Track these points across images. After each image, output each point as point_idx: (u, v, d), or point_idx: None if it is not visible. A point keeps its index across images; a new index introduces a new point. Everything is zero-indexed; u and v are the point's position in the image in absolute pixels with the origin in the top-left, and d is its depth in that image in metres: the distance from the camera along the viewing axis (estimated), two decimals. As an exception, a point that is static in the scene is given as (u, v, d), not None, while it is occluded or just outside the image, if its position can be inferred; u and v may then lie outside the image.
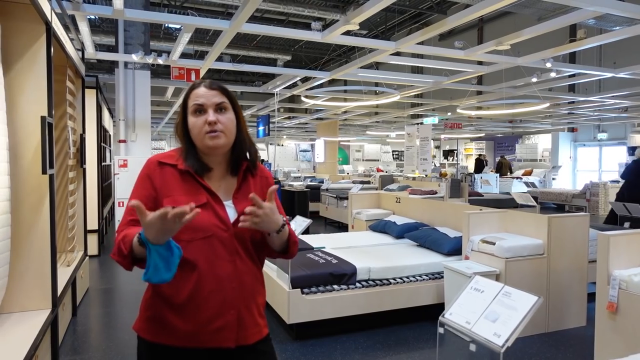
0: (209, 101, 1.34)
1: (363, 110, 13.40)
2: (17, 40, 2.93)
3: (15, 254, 2.90)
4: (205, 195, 1.35)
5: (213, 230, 1.32)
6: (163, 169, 1.37)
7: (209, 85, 1.37)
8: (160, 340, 1.34)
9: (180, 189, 1.34)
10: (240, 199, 1.40)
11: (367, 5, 4.28)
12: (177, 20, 4.79)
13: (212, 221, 1.33)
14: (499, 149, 20.26)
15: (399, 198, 6.18)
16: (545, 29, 5.04)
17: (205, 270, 1.31)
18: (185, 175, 1.36)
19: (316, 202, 10.54)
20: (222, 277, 1.32)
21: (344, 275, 3.75)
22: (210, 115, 1.33)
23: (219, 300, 1.32)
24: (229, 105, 1.37)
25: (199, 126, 1.33)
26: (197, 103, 1.34)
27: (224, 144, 1.35)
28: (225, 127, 1.35)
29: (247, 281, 1.37)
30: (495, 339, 1.55)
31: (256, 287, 1.42)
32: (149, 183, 1.36)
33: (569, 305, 3.88)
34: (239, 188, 1.41)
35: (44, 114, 2.94)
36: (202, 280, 1.31)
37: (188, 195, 1.33)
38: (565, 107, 11.67)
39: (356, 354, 3.39)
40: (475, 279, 1.85)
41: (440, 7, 14.62)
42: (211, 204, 1.34)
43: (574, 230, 3.89)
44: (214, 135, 1.32)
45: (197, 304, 1.31)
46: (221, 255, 1.33)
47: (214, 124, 1.32)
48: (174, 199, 1.32)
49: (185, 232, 1.27)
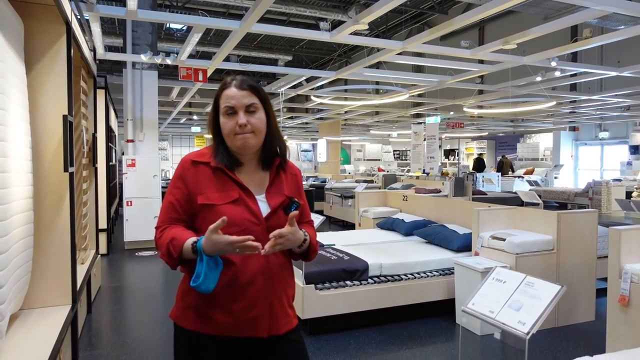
0: (240, 102, 1.37)
1: (365, 110, 13.45)
2: (39, 40, 2.98)
3: (37, 251, 2.95)
4: (237, 190, 1.39)
5: (246, 225, 1.36)
6: (196, 168, 1.41)
7: (240, 85, 1.39)
8: (198, 329, 1.38)
9: (213, 186, 1.38)
10: (273, 193, 1.44)
11: (376, 6, 4.33)
12: (188, 20, 4.84)
13: (244, 216, 1.37)
14: (500, 148, 20.32)
15: (405, 196, 6.23)
16: (552, 28, 5.10)
17: (239, 263, 1.36)
18: (217, 172, 1.40)
19: (320, 202, 10.60)
20: (255, 270, 1.37)
21: (356, 271, 3.80)
22: (241, 118, 1.36)
23: (253, 292, 1.36)
24: (259, 105, 1.40)
25: (230, 127, 1.37)
26: (228, 105, 1.38)
27: (254, 145, 1.39)
28: (256, 128, 1.38)
29: (278, 273, 1.41)
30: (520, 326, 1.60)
31: (286, 279, 1.46)
32: (182, 183, 1.41)
33: (578, 300, 3.94)
34: (271, 183, 1.45)
35: (65, 113, 2.98)
36: (237, 273, 1.36)
37: (220, 191, 1.38)
38: (567, 106, 11.74)
39: (370, 349, 3.44)
40: (497, 270, 1.91)
41: (441, 7, 14.68)
42: (243, 198, 1.38)
43: (583, 226, 3.95)
44: (244, 137, 1.36)
45: (232, 295, 1.36)
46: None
47: (244, 127, 1.36)
48: (207, 196, 1.37)
49: (221, 228, 1.32)
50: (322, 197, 10.65)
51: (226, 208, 1.36)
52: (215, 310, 1.37)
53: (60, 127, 3.00)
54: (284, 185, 1.48)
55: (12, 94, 2.45)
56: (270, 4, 4.05)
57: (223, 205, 1.36)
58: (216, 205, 1.36)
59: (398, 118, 15.74)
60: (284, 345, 1.46)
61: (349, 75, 7.63)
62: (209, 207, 1.37)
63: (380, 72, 8.04)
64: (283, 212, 1.42)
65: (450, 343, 3.57)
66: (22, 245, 2.59)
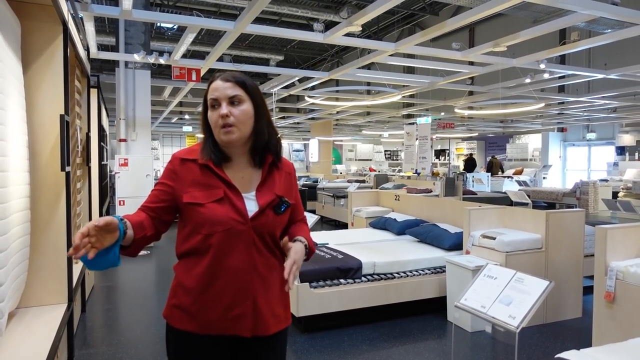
0: (223, 94, 1.35)
1: (357, 110, 13.53)
2: (36, 39, 2.99)
3: (33, 250, 2.96)
4: (223, 188, 1.37)
5: (230, 224, 1.34)
6: (184, 165, 1.40)
7: (225, 78, 1.38)
8: (185, 327, 1.39)
9: (198, 184, 1.37)
10: (264, 192, 1.41)
11: (370, 8, 4.39)
12: (182, 21, 4.86)
13: (229, 215, 1.35)
14: (490, 149, 20.53)
15: (398, 196, 6.31)
16: (541, 31, 5.20)
17: (220, 261, 1.35)
18: (204, 170, 1.38)
19: (312, 201, 10.65)
20: (237, 268, 1.35)
21: (350, 269, 3.86)
22: (223, 109, 1.34)
23: (234, 290, 1.36)
24: (244, 97, 1.37)
25: (215, 120, 1.36)
26: (212, 97, 1.37)
27: (237, 138, 1.36)
28: (238, 120, 1.35)
29: (263, 273, 1.39)
30: (510, 320, 1.67)
31: (275, 279, 1.42)
32: (168, 180, 1.41)
33: (565, 298, 4.03)
34: (263, 181, 1.43)
35: (62, 112, 3.00)
36: (218, 271, 1.36)
37: (205, 190, 1.36)
38: (555, 108, 11.92)
39: (363, 345, 3.50)
40: (488, 267, 1.97)
41: (432, 9, 14.80)
42: (229, 197, 1.36)
43: (571, 225, 4.05)
44: (227, 130, 1.34)
45: (215, 293, 1.36)
46: (238, 247, 1.35)
47: (225, 117, 1.34)
48: (192, 194, 1.36)
49: (204, 226, 1.34)
50: (315, 196, 10.70)
51: (211, 207, 1.34)
52: (198, 308, 1.37)
53: (56, 126, 3.02)
54: (276, 183, 1.45)
55: (11, 93, 2.47)
56: (266, 4, 4.09)
57: (208, 204, 1.35)
58: (201, 204, 1.35)
59: (389, 118, 15.85)
60: (270, 346, 1.45)
61: (341, 75, 7.69)
62: (193, 206, 1.36)
63: (373, 72, 8.12)
64: (272, 211, 1.40)
65: (441, 339, 3.64)
66: (20, 244, 2.61)
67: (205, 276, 1.36)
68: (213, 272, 1.36)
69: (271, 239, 1.42)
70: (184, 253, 1.42)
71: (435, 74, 8.52)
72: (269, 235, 1.40)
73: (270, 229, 1.40)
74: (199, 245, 1.37)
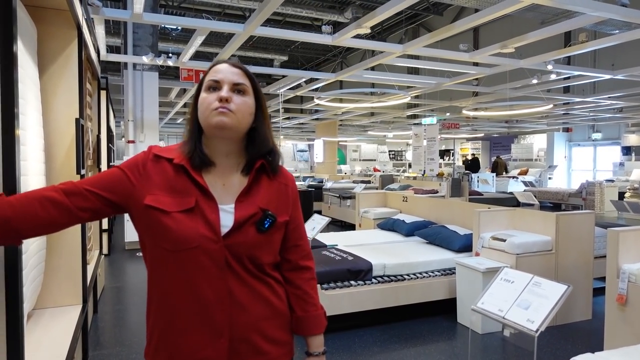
0: (227, 78, 1.13)
1: (362, 111, 13.55)
2: (51, 44, 3.02)
3: (49, 252, 2.99)
4: (196, 196, 1.11)
5: (199, 241, 1.08)
6: (157, 163, 1.15)
7: (232, 63, 1.17)
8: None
9: (167, 187, 1.12)
10: (246, 203, 1.14)
11: (379, 10, 4.41)
12: (192, 23, 4.89)
13: (198, 229, 1.08)
14: (494, 149, 20.51)
15: (405, 197, 6.32)
16: (549, 33, 5.21)
17: (187, 289, 1.09)
18: (178, 171, 1.13)
19: (318, 202, 10.67)
20: (208, 298, 1.09)
21: (360, 271, 3.88)
22: (225, 91, 1.11)
23: (205, 326, 1.09)
24: (249, 89, 1.16)
25: (209, 101, 1.11)
26: (213, 79, 1.13)
27: (232, 125, 1.11)
28: (238, 109, 1.12)
29: (244, 303, 1.11)
30: (529, 324, 1.68)
31: (262, 309, 1.15)
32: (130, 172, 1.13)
33: (576, 300, 4.04)
34: (247, 190, 1.16)
35: (77, 116, 3.03)
36: (184, 302, 1.10)
37: (174, 195, 1.11)
38: (561, 108, 11.90)
39: (374, 347, 3.52)
40: (505, 271, 1.99)
41: (436, 9, 14.79)
42: (201, 207, 1.10)
43: (581, 227, 4.05)
44: (223, 111, 1.09)
45: (180, 329, 1.10)
46: (208, 271, 1.09)
47: (225, 101, 1.10)
48: (157, 198, 1.10)
49: (166, 241, 1.08)
50: (320, 197, 10.73)
51: (177, 217, 1.08)
52: (163, 347, 1.13)
53: (71, 129, 3.05)
54: (262, 193, 1.18)
55: (29, 98, 2.49)
56: (276, 7, 4.11)
57: (174, 213, 1.08)
58: (165, 211, 1.08)
59: (394, 119, 15.86)
60: None
61: (348, 77, 7.71)
62: (155, 212, 1.09)
63: (379, 74, 8.13)
64: (255, 228, 1.12)
65: (452, 341, 3.65)
66: (37, 246, 2.64)
67: (168, 308, 1.11)
68: (176, 304, 1.10)
69: (252, 263, 1.13)
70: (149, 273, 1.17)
71: (440, 74, 8.53)
72: (248, 258, 1.12)
73: (249, 250, 1.12)
74: (158, 265, 1.13)
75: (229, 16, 14.46)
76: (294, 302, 1.24)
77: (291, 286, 1.25)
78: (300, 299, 1.25)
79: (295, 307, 1.24)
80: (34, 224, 1.04)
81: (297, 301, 1.25)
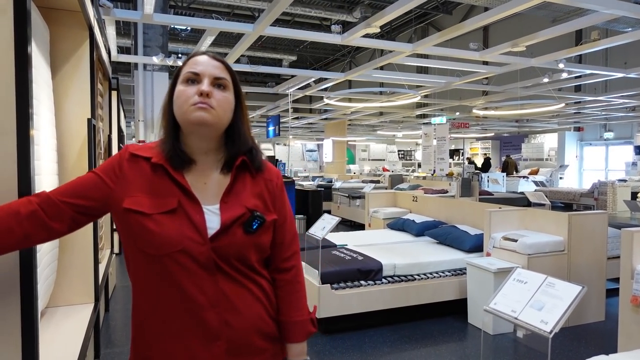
0: (207, 71, 1.07)
1: (371, 111, 13.53)
2: (63, 45, 3.05)
3: (62, 250, 3.03)
4: (178, 197, 1.06)
5: (185, 244, 1.03)
6: (134, 163, 1.09)
7: (212, 56, 1.11)
8: None
9: (147, 188, 1.07)
10: (231, 203, 1.09)
11: (389, 9, 4.39)
12: (202, 24, 4.91)
13: (182, 232, 1.04)
14: (505, 148, 20.36)
15: (415, 197, 6.30)
16: (561, 31, 5.15)
17: (177, 295, 1.05)
18: (158, 171, 1.08)
19: (327, 201, 10.67)
20: (200, 303, 1.04)
21: (370, 271, 3.87)
22: (205, 85, 1.05)
23: (199, 331, 1.05)
24: (230, 84, 1.11)
25: (187, 95, 1.05)
26: (192, 71, 1.07)
27: (212, 121, 1.06)
28: (219, 105, 1.07)
29: (239, 304, 1.09)
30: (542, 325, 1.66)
31: (257, 308, 1.13)
32: (105, 176, 1.09)
33: (588, 301, 3.99)
34: (230, 189, 1.11)
35: (89, 116, 3.06)
36: (174, 308, 1.05)
37: (154, 196, 1.06)
38: (572, 107, 11.79)
39: (385, 347, 3.50)
40: (518, 271, 1.98)
41: (445, 7, 14.72)
42: (184, 208, 1.05)
43: (593, 227, 4.00)
44: (203, 107, 1.04)
45: (173, 336, 1.06)
46: (197, 274, 1.04)
47: (205, 95, 1.05)
48: (136, 200, 1.05)
49: (149, 245, 1.03)
50: (330, 197, 10.73)
51: (159, 219, 1.03)
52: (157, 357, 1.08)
53: (83, 129, 3.08)
54: (247, 192, 1.13)
55: (42, 99, 2.52)
56: (286, 7, 4.12)
57: (156, 215, 1.03)
58: (146, 214, 1.03)
59: (403, 118, 15.81)
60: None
61: (357, 76, 7.70)
62: (136, 215, 1.04)
63: (388, 73, 8.11)
64: (242, 229, 1.08)
65: (463, 342, 3.63)
66: (50, 245, 2.66)
67: (159, 315, 1.06)
68: (166, 310, 1.06)
69: (242, 264, 1.10)
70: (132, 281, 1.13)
71: (450, 73, 8.49)
72: (237, 259, 1.09)
73: (238, 252, 1.08)
74: (144, 273, 1.08)
75: (238, 16, 14.50)
76: (278, 304, 1.19)
77: (275, 287, 1.20)
78: (283, 301, 1.20)
79: (279, 310, 1.19)
80: (9, 241, 1.01)
81: (281, 303, 1.20)
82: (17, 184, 1.27)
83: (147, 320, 1.09)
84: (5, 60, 1.32)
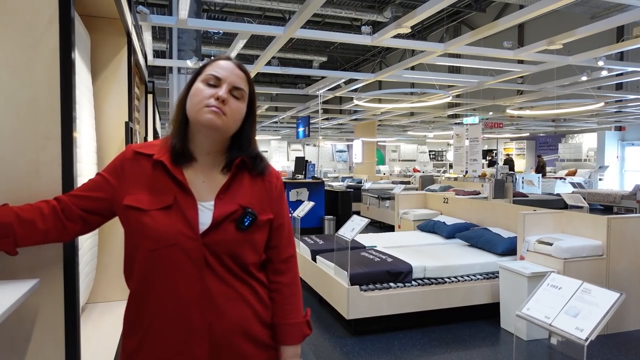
0: (230, 78, 1.11)
1: (402, 111, 13.41)
2: (103, 51, 3.17)
3: (101, 249, 3.14)
4: (174, 193, 1.10)
5: (177, 239, 1.06)
6: (136, 162, 1.14)
7: (238, 64, 1.15)
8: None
9: (146, 185, 1.11)
10: (225, 200, 1.12)
11: (420, 9, 4.36)
12: (234, 27, 5.00)
13: (176, 227, 1.07)
14: (540, 149, 19.79)
15: (446, 198, 6.21)
16: (600, 28, 4.98)
17: (164, 290, 1.07)
18: (157, 168, 1.12)
19: (357, 202, 10.65)
20: (186, 299, 1.06)
21: (400, 273, 3.84)
22: (223, 91, 1.09)
23: (183, 328, 1.06)
24: (246, 96, 1.16)
25: (204, 95, 1.09)
26: (214, 74, 1.11)
27: (221, 127, 1.10)
28: (231, 114, 1.11)
29: (223, 304, 1.08)
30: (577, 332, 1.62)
31: (243, 311, 1.11)
32: (109, 175, 1.14)
33: (628, 308, 3.84)
34: (226, 187, 1.14)
35: (126, 120, 3.17)
36: (161, 303, 1.07)
37: (153, 193, 1.10)
38: (613, 106, 11.34)
39: (415, 350, 3.48)
40: (552, 276, 1.93)
41: (478, 5, 14.42)
42: (179, 204, 1.09)
43: (635, 231, 3.85)
44: (216, 111, 1.08)
45: (157, 332, 1.07)
46: (186, 270, 1.06)
47: (221, 101, 1.09)
48: (136, 197, 1.10)
49: (146, 240, 1.07)
50: (359, 198, 10.70)
51: (155, 215, 1.07)
52: (141, 353, 1.10)
53: (120, 132, 3.19)
54: (243, 190, 1.15)
55: (83, 103, 2.63)
56: (317, 8, 4.14)
57: (152, 211, 1.07)
58: (142, 210, 1.08)
59: (435, 119, 15.60)
60: None
61: (387, 77, 7.65)
62: (134, 211, 1.08)
63: (419, 73, 8.02)
64: (234, 226, 1.10)
65: (495, 347, 3.56)
66: (90, 243, 2.77)
67: (146, 310, 1.08)
68: (153, 305, 1.07)
69: (234, 261, 1.10)
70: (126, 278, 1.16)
71: (483, 73, 8.32)
72: (229, 257, 1.10)
73: (229, 248, 1.09)
74: (138, 266, 1.10)
75: (269, 18, 14.66)
76: (274, 307, 1.20)
77: (270, 290, 1.21)
78: (278, 304, 1.20)
79: (274, 312, 1.20)
80: (30, 234, 1.06)
81: (276, 306, 1.20)
82: (61, 187, 1.33)
83: (137, 319, 1.11)
84: (52, 67, 1.39)
